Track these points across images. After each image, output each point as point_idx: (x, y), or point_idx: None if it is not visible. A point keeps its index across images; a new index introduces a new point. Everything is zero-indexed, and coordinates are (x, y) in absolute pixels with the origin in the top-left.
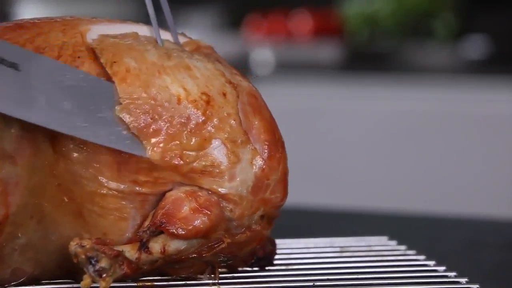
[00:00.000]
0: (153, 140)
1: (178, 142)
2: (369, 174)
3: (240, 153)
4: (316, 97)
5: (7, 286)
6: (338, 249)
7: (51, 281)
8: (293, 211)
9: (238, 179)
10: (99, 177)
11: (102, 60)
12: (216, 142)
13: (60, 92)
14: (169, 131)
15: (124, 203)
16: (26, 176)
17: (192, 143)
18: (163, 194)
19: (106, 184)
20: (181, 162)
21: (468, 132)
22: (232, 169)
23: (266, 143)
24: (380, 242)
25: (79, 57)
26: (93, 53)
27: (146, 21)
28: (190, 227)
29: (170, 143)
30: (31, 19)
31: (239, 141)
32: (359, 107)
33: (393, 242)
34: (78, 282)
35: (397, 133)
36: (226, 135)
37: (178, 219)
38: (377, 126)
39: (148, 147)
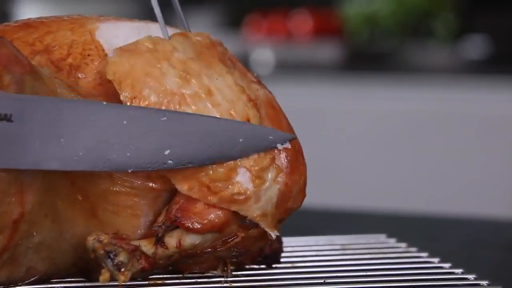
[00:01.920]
0: (180, 173)
1: (205, 174)
2: (369, 174)
3: (265, 175)
4: (316, 97)
5: (20, 285)
6: (338, 247)
7: (63, 279)
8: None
9: (263, 198)
10: (112, 174)
11: (121, 98)
12: (242, 170)
13: (57, 130)
14: None
15: (137, 200)
16: (41, 174)
17: (219, 174)
18: (175, 190)
19: (119, 181)
20: (209, 192)
21: (468, 132)
22: (258, 192)
23: (288, 157)
24: (379, 240)
25: (88, 55)
26: (103, 51)
27: (151, 18)
28: (205, 221)
29: (197, 175)
30: (38, 18)
31: (265, 165)
32: (359, 107)
33: (393, 240)
34: (91, 281)
35: (397, 133)
36: (251, 163)
37: (193, 214)
38: (377, 126)
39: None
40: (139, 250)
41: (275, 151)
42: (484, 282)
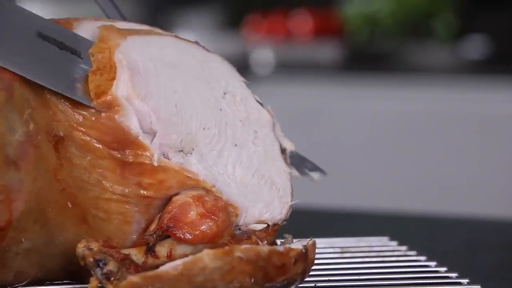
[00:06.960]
0: None
1: None
2: (369, 174)
3: None
4: (316, 97)
5: None
6: (338, 250)
7: (54, 282)
8: (293, 211)
9: None
10: (103, 182)
11: None
12: None
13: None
14: None
15: (128, 207)
16: (30, 181)
17: None
18: (169, 199)
19: (110, 189)
20: None
21: (468, 132)
22: None
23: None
24: (380, 243)
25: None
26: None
27: (154, 22)
28: (197, 232)
29: None
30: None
31: None
32: (359, 107)
33: (394, 243)
34: (82, 284)
35: (397, 133)
36: None
37: (185, 224)
38: (377, 126)
39: None
40: (129, 259)
41: None
42: (477, 287)
